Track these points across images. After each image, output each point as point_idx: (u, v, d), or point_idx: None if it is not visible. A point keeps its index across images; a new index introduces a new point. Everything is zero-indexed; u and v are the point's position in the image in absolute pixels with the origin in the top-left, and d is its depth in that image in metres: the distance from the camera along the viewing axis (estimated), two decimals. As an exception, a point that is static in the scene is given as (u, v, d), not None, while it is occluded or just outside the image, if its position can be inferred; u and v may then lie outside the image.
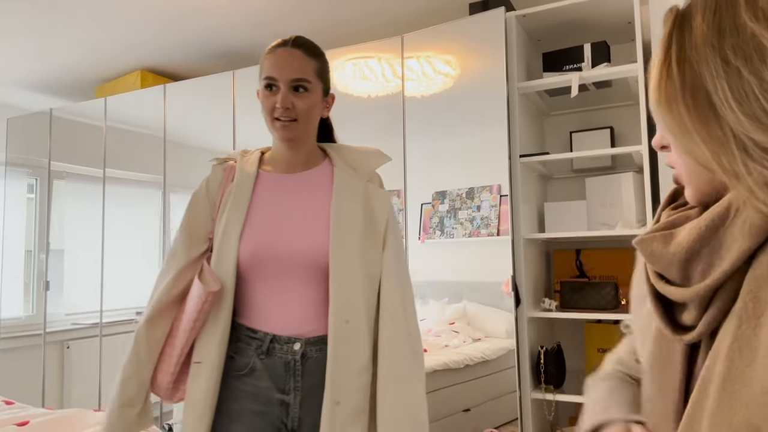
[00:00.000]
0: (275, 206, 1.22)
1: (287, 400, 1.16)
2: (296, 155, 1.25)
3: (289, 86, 1.17)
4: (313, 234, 1.18)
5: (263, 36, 3.00)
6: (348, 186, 1.22)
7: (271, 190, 1.24)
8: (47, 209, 3.57)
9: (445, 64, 2.41)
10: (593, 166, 2.49)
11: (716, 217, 0.53)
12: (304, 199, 1.22)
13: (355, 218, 1.20)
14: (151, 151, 3.21)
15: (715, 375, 0.51)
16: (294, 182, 1.24)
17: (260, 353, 1.16)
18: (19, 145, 3.72)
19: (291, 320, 1.17)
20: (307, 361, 1.16)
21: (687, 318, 0.56)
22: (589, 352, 2.42)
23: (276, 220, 1.20)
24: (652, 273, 0.60)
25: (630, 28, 2.37)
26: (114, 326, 3.30)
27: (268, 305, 1.18)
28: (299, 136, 1.21)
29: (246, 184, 1.23)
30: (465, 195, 2.34)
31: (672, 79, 0.54)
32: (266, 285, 1.19)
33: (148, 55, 3.24)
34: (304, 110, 1.18)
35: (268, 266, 1.18)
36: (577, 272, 2.54)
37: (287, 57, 1.19)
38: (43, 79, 3.60)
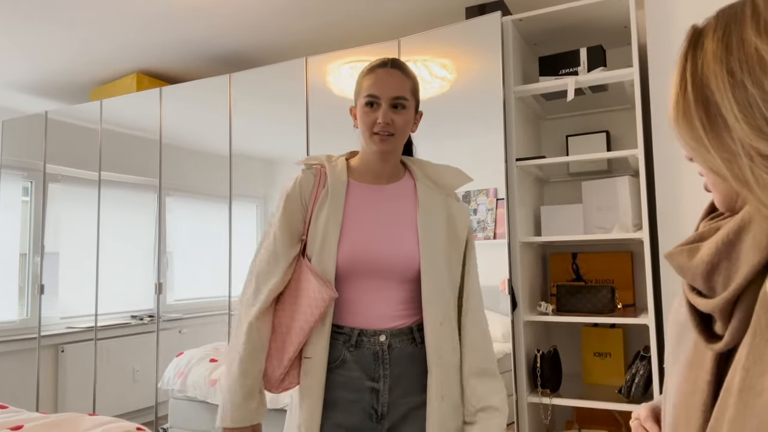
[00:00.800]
0: (368, 215, 1.32)
1: (377, 387, 1.27)
2: (385, 168, 1.35)
3: (390, 103, 1.28)
4: (403, 242, 1.29)
5: (260, 39, 3.00)
6: (431, 199, 1.34)
7: (363, 199, 1.34)
8: (42, 212, 3.55)
9: (441, 68, 2.41)
10: (589, 169, 2.50)
11: (732, 231, 0.55)
12: (393, 209, 1.33)
13: (439, 228, 1.31)
14: (147, 154, 3.20)
15: (734, 385, 0.53)
16: (383, 194, 1.35)
17: (349, 346, 1.28)
18: (14, 147, 3.70)
19: (377, 316, 1.29)
20: (393, 350, 1.27)
21: (717, 328, 0.59)
22: (586, 356, 2.42)
23: (370, 228, 1.31)
24: (685, 284, 0.63)
25: (626, 33, 2.38)
26: (109, 330, 3.28)
27: (356, 303, 1.30)
28: (395, 150, 1.32)
29: (340, 191, 1.32)
30: (462, 198, 2.34)
31: (687, 96, 0.58)
32: (357, 286, 1.30)
33: (144, 58, 3.23)
34: (401, 126, 1.29)
35: (363, 270, 1.29)
36: (573, 276, 2.54)
37: (388, 77, 1.30)
38: (38, 82, 3.59)
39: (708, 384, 0.58)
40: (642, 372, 2.05)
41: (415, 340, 1.28)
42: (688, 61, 0.59)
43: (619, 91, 2.36)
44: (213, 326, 3.00)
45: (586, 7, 2.18)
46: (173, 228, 3.16)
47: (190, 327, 3.12)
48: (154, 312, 3.14)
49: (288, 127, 2.79)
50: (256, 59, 3.26)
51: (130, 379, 3.23)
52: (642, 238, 2.03)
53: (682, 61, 0.60)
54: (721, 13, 0.58)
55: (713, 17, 0.59)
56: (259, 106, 2.90)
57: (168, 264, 3.16)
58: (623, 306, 2.40)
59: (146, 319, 3.18)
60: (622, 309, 2.34)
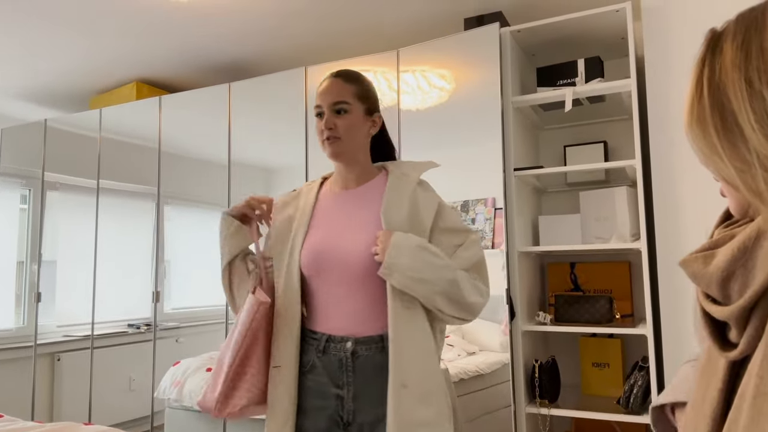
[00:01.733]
0: (332, 218, 1.37)
1: (341, 394, 1.28)
2: (350, 171, 1.39)
3: (331, 110, 1.34)
4: (366, 240, 1.30)
5: (259, 49, 3.01)
6: (397, 190, 1.36)
7: (329, 205, 1.40)
8: (40, 220, 3.55)
9: (440, 78, 2.43)
10: (587, 179, 2.50)
11: (748, 238, 0.54)
12: (358, 209, 1.36)
13: (402, 221, 1.31)
14: (146, 162, 3.21)
15: (748, 391, 0.53)
16: (349, 196, 1.39)
17: (318, 352, 1.31)
18: (13, 155, 3.70)
19: (345, 321, 1.31)
20: (358, 358, 1.28)
21: (732, 336, 0.58)
22: (584, 366, 2.41)
23: (332, 231, 1.35)
24: (699, 291, 0.62)
25: (623, 44, 2.40)
26: (105, 338, 3.27)
27: (327, 308, 1.33)
28: (344, 151, 1.35)
29: (308, 206, 1.40)
30: (460, 208, 2.34)
31: (703, 102, 0.57)
32: (326, 290, 1.33)
33: (143, 67, 3.24)
34: (345, 128, 1.34)
35: (327, 272, 1.32)
36: (571, 285, 2.54)
37: (328, 86, 1.37)
38: (38, 90, 3.59)
39: (719, 392, 0.57)
40: (641, 383, 2.05)
41: (384, 349, 1.26)
42: (706, 66, 0.57)
43: (617, 101, 2.37)
44: (210, 335, 2.99)
45: (584, 18, 2.20)
46: (171, 236, 3.16)
47: (187, 336, 3.10)
48: (151, 321, 3.12)
49: (287, 136, 2.79)
50: (256, 68, 3.27)
51: (127, 388, 3.21)
52: (640, 248, 2.04)
53: (699, 66, 0.58)
54: (741, 18, 0.57)
55: (733, 21, 0.58)
56: (258, 115, 2.91)
57: (165, 272, 3.15)
58: (621, 316, 2.40)
59: (143, 327, 3.17)
60: (621, 319, 2.34)
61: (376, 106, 1.43)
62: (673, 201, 1.96)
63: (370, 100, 1.41)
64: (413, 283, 1.23)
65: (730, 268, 0.55)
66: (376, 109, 1.42)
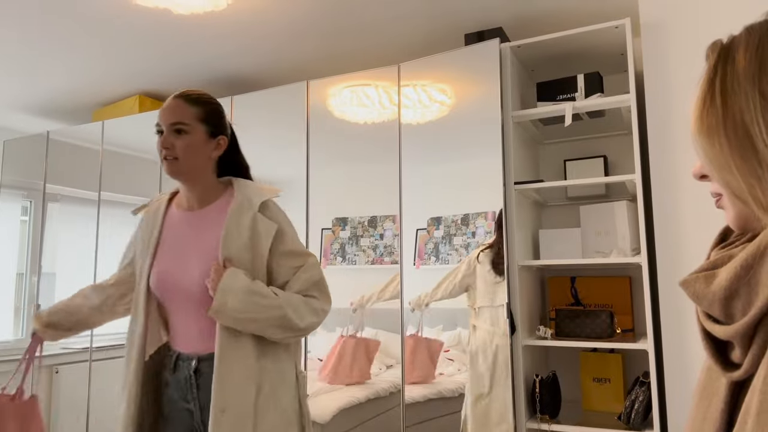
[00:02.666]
0: (175, 242, 1.42)
1: (191, 408, 1.37)
2: (193, 192, 1.44)
3: (169, 129, 1.38)
4: (205, 264, 1.35)
5: (262, 62, 3.03)
6: (238, 216, 1.38)
7: (175, 226, 1.45)
8: (40, 232, 3.55)
9: (440, 93, 2.44)
10: (587, 194, 2.51)
11: (750, 256, 0.53)
12: (201, 232, 1.41)
13: (241, 247, 1.35)
14: (147, 174, 3.22)
15: (752, 408, 0.52)
16: (193, 218, 1.44)
17: (170, 369, 1.40)
18: (15, 167, 3.71)
19: (190, 340, 1.38)
20: (201, 375, 1.35)
21: (735, 356, 0.57)
22: (585, 382, 2.40)
23: (175, 256, 1.40)
24: (700, 311, 0.61)
25: (623, 60, 2.42)
26: (104, 351, 3.25)
27: (174, 327, 1.41)
28: (182, 171, 1.39)
29: (155, 221, 1.47)
30: (460, 221, 2.34)
31: (715, 110, 0.55)
32: (174, 310, 1.40)
33: (146, 80, 3.27)
34: (183, 148, 1.37)
35: (171, 294, 1.38)
36: (572, 300, 2.53)
37: (169, 106, 1.40)
38: (41, 103, 3.62)
39: (721, 412, 0.57)
40: (642, 398, 2.03)
41: None
42: (718, 74, 0.56)
43: (617, 116, 2.39)
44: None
45: (584, 34, 2.22)
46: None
47: (186, 349, 3.09)
48: (151, 333, 3.11)
49: (288, 149, 2.81)
50: (258, 82, 3.29)
51: (124, 401, 3.18)
52: (640, 262, 2.03)
53: (711, 73, 0.57)
54: (753, 30, 0.56)
55: (744, 32, 0.56)
56: (260, 128, 2.93)
57: (165, 285, 3.14)
58: (622, 331, 2.39)
59: (142, 340, 3.15)
60: (621, 334, 2.33)
61: (221, 129, 1.45)
62: (673, 215, 1.97)
63: (213, 123, 1.43)
64: (241, 323, 1.29)
65: (732, 286, 0.54)
66: (221, 132, 1.45)
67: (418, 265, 2.41)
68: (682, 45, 1.99)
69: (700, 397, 0.61)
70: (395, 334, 2.41)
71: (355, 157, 2.63)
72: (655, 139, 2.02)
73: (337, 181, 2.67)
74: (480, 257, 2.26)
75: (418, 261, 2.41)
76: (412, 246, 2.43)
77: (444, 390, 2.27)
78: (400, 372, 2.36)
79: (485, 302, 2.22)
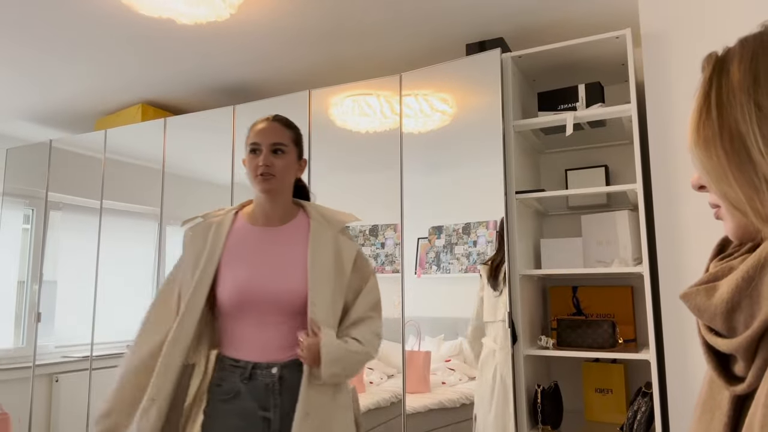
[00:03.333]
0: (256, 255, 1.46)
1: (269, 416, 1.38)
2: (275, 209, 1.50)
3: (270, 149, 1.47)
4: (292, 279, 1.42)
5: (264, 72, 3.05)
6: (321, 235, 1.49)
7: (249, 240, 1.48)
8: (42, 240, 3.56)
9: (442, 102, 2.45)
10: (588, 203, 2.51)
11: (751, 268, 0.53)
12: (283, 248, 1.47)
13: (327, 264, 1.45)
14: (150, 183, 3.22)
15: (755, 422, 0.51)
16: (274, 234, 1.49)
17: (243, 379, 1.40)
18: (18, 175, 3.73)
19: (270, 350, 1.41)
20: (284, 382, 1.40)
21: (738, 369, 0.57)
22: (587, 392, 2.38)
23: (259, 268, 1.43)
24: (702, 325, 0.60)
25: (623, 70, 2.43)
26: (104, 360, 3.24)
27: (250, 339, 1.42)
28: (276, 189, 1.47)
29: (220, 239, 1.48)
30: (461, 230, 2.34)
31: (711, 122, 0.56)
32: (250, 322, 1.42)
33: (149, 89, 3.29)
34: (281, 168, 1.47)
35: (253, 307, 1.41)
36: (573, 309, 2.52)
37: (268, 127, 1.50)
38: (43, 111, 3.63)
39: (725, 427, 0.56)
40: (644, 409, 2.02)
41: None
42: (713, 87, 0.56)
43: (618, 126, 2.39)
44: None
45: (584, 45, 2.23)
46: (173, 257, 3.15)
47: (187, 358, 3.08)
48: (151, 342, 3.10)
49: (290, 158, 2.81)
50: (260, 91, 3.31)
51: (124, 410, 3.17)
52: (642, 272, 2.03)
53: (706, 86, 0.57)
54: (747, 42, 0.56)
55: (738, 45, 0.57)
56: (261, 138, 2.93)
57: (166, 293, 3.14)
58: (624, 341, 2.38)
59: (142, 349, 3.14)
60: (623, 344, 2.32)
61: (302, 153, 1.58)
62: (674, 225, 1.97)
63: (301, 147, 1.56)
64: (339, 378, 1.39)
65: (735, 299, 0.54)
66: (302, 155, 1.58)
67: (420, 274, 2.41)
68: (682, 55, 2.00)
69: (702, 410, 0.60)
70: (396, 344, 2.40)
71: (357, 166, 2.63)
72: (656, 149, 2.02)
73: (338, 189, 2.67)
74: (481, 271, 2.25)
75: (420, 270, 2.41)
76: (414, 255, 2.43)
77: (445, 400, 2.25)
78: (400, 381, 2.35)
79: (489, 317, 2.22)
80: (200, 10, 2.36)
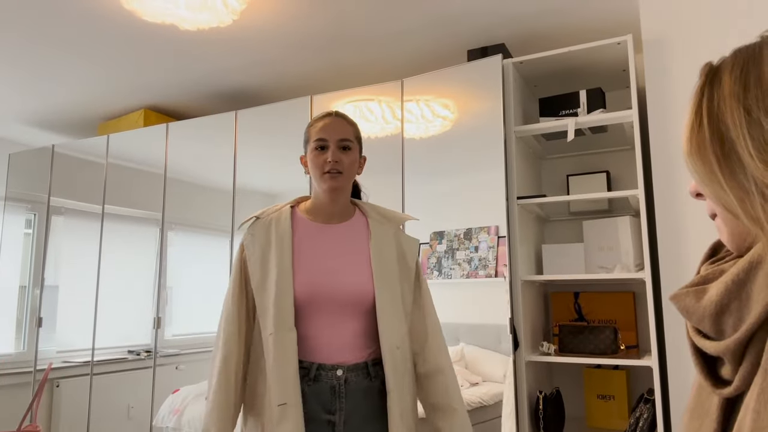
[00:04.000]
0: (323, 253, 1.41)
1: (333, 420, 1.35)
2: (336, 207, 1.45)
3: (337, 145, 1.42)
4: (357, 274, 1.39)
5: (266, 78, 3.06)
6: (382, 233, 1.46)
7: (314, 237, 1.43)
8: (44, 245, 3.56)
9: (443, 108, 2.46)
10: (590, 209, 2.51)
11: (742, 271, 0.53)
12: (346, 245, 1.43)
13: (391, 260, 1.43)
14: (151, 188, 3.23)
15: (744, 427, 0.51)
16: (335, 231, 1.45)
17: (308, 380, 1.35)
18: (20, 180, 3.74)
19: (335, 351, 1.36)
20: (349, 384, 1.36)
21: (725, 372, 0.57)
22: (589, 398, 2.37)
23: (325, 265, 1.39)
24: (690, 327, 0.61)
25: (625, 76, 2.43)
26: (105, 365, 3.24)
27: (316, 338, 1.37)
28: (343, 186, 1.43)
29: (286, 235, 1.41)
30: (463, 236, 2.34)
31: (702, 131, 0.57)
32: (316, 320, 1.37)
33: (151, 95, 3.30)
34: (348, 164, 1.43)
35: (321, 304, 1.36)
36: (575, 315, 2.52)
37: (334, 123, 1.44)
38: (46, 116, 3.65)
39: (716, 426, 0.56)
40: (646, 415, 2.01)
41: (369, 375, 1.37)
42: (704, 96, 0.58)
43: (619, 132, 2.39)
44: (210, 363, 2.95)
45: (586, 51, 2.23)
46: (174, 262, 3.16)
47: (188, 363, 3.08)
48: (152, 347, 3.10)
49: (291, 164, 2.82)
50: (262, 97, 3.32)
51: (125, 415, 3.17)
52: (644, 278, 2.03)
53: (698, 96, 0.59)
54: (739, 52, 0.58)
55: (730, 56, 0.59)
56: (263, 143, 2.94)
57: (168, 299, 3.14)
58: (626, 347, 2.37)
59: (143, 354, 3.15)
60: (625, 350, 2.31)
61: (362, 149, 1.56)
62: (676, 231, 1.96)
63: (361, 144, 1.51)
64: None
65: (724, 301, 0.54)
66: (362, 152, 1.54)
67: (421, 280, 2.40)
68: (683, 61, 2.00)
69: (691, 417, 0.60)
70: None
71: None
72: (657, 155, 2.02)
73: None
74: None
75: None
76: (415, 260, 2.43)
77: (446, 406, 2.24)
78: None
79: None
80: (203, 16, 2.37)
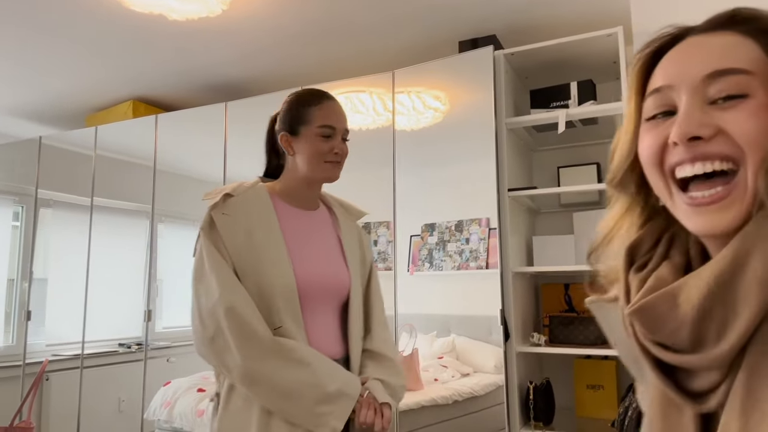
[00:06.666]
0: (306, 240, 1.34)
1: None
2: (312, 194, 1.40)
3: (342, 135, 1.36)
4: (340, 266, 1.35)
5: (256, 69, 3.03)
6: (348, 225, 1.43)
7: (294, 223, 1.34)
8: (32, 237, 3.53)
9: (434, 99, 2.45)
10: (581, 200, 2.51)
11: (725, 268, 0.49)
12: (323, 234, 1.38)
13: (356, 253, 1.40)
14: (141, 180, 3.20)
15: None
16: (312, 219, 1.39)
17: None
18: (7, 172, 3.69)
19: (329, 342, 1.30)
20: None
21: (700, 383, 0.52)
22: (578, 389, 2.40)
23: (313, 253, 1.33)
24: (648, 343, 0.54)
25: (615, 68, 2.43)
26: (95, 358, 3.22)
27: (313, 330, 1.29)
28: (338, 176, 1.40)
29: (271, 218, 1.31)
30: (454, 227, 2.35)
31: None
32: (315, 312, 1.30)
33: (140, 86, 3.26)
34: (345, 155, 1.38)
35: (317, 295, 1.30)
36: (565, 306, 2.53)
37: (340, 110, 1.36)
38: (33, 107, 3.60)
39: None
40: (635, 405, 2.03)
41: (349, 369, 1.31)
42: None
43: (610, 124, 2.40)
44: (202, 355, 2.95)
45: (577, 42, 2.23)
46: (164, 255, 3.14)
47: (179, 355, 3.07)
48: (142, 340, 3.09)
49: (282, 156, 2.80)
50: (253, 88, 3.29)
51: (116, 409, 3.16)
52: (633, 269, 2.04)
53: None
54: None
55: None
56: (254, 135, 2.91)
57: (158, 291, 3.12)
58: (616, 338, 2.39)
59: (134, 347, 3.13)
60: (615, 341, 2.33)
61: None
62: (665, 222, 1.98)
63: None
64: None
65: (706, 305, 0.49)
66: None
67: (412, 272, 2.41)
68: (674, 53, 2.01)
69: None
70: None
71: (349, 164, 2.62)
72: (647, 147, 2.03)
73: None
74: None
75: (412, 267, 2.41)
76: (406, 252, 2.43)
77: (438, 397, 2.26)
78: (393, 379, 2.35)
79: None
80: (192, 6, 2.34)
